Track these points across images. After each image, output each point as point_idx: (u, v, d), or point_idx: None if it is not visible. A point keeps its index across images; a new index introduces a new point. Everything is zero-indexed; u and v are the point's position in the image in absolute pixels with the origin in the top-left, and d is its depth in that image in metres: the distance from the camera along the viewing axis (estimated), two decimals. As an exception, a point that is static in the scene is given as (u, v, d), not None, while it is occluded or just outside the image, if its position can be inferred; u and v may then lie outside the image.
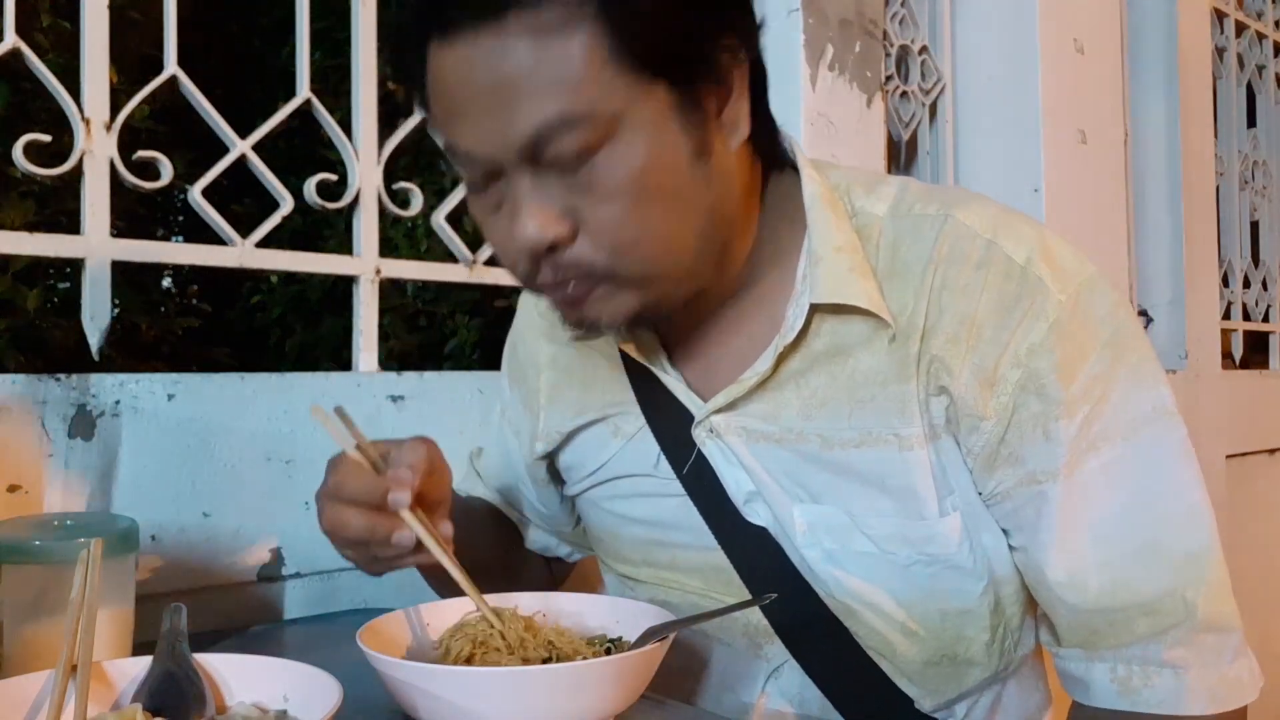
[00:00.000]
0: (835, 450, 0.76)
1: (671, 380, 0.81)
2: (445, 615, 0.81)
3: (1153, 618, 0.72)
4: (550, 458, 0.93)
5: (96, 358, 1.06)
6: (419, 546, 0.71)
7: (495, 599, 0.82)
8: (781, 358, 0.77)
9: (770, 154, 0.79)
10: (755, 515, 0.80)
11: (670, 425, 0.82)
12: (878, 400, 0.74)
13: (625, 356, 0.85)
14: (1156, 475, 0.72)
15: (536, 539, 1.03)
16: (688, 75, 0.68)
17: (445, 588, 0.85)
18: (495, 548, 1.01)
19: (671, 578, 0.86)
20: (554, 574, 1.08)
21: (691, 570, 0.85)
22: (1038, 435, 0.72)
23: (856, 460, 0.75)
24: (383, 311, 1.37)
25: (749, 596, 0.81)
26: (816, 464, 0.77)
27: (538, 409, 0.92)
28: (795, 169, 0.80)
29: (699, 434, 0.80)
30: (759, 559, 0.80)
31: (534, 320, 0.95)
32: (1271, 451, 2.49)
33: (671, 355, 0.83)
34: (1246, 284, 2.54)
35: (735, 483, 0.80)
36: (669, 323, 0.81)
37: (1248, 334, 2.51)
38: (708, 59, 0.69)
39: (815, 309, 0.75)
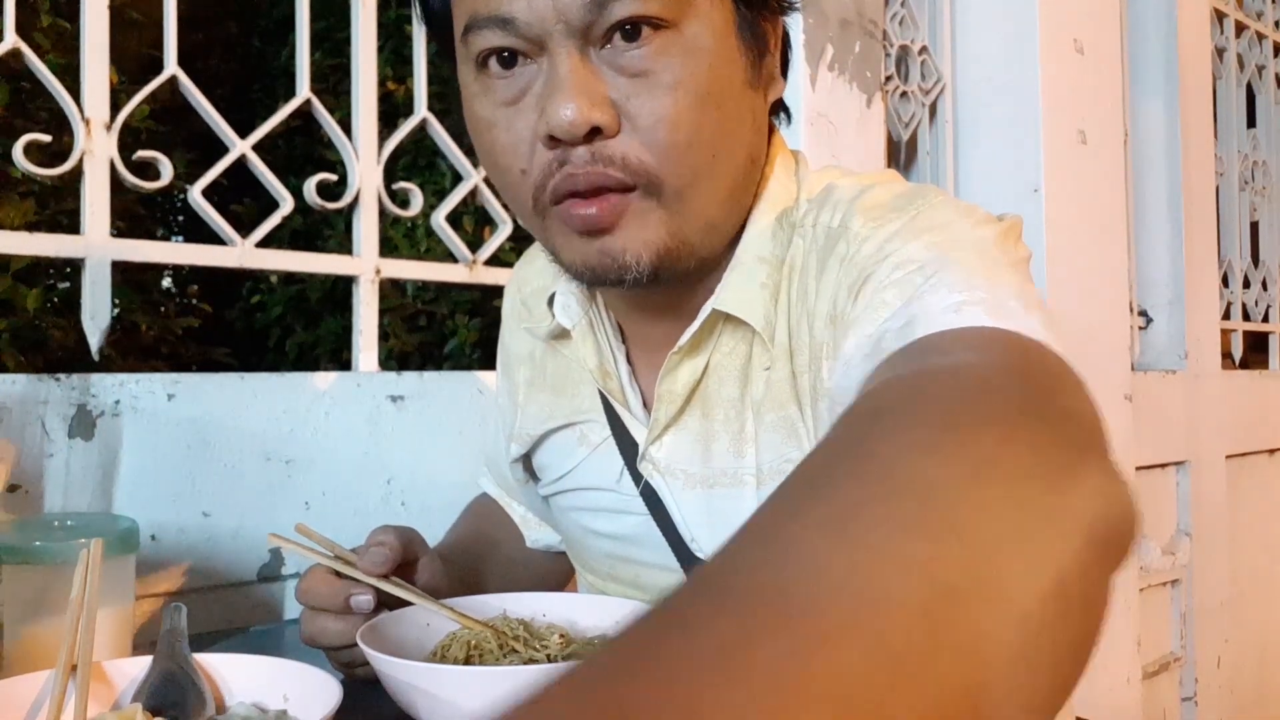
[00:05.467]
0: (766, 486, 0.71)
1: (621, 408, 0.78)
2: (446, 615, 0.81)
3: None
4: (524, 459, 0.90)
5: (96, 358, 1.06)
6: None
7: (499, 600, 0.82)
8: (684, 367, 0.72)
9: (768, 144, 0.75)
10: (699, 552, 0.76)
11: (630, 444, 0.78)
12: (780, 429, 0.70)
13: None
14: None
15: (539, 537, 1.01)
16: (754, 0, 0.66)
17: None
18: (499, 560, 0.99)
19: (636, 595, 0.83)
20: (569, 562, 1.04)
21: (655, 590, 0.81)
22: (838, 362, 0.60)
23: None
24: (383, 311, 1.37)
25: None
26: (751, 504, 0.72)
27: (515, 407, 0.90)
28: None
29: (645, 468, 0.77)
30: None
31: (517, 309, 0.92)
32: (1271, 451, 2.49)
33: (635, 371, 0.79)
34: (1246, 284, 2.54)
35: (680, 519, 0.76)
36: (634, 328, 0.78)
37: (1248, 334, 2.51)
38: None
39: (718, 317, 0.71)
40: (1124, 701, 1.86)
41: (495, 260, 1.39)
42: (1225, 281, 2.45)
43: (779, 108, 0.74)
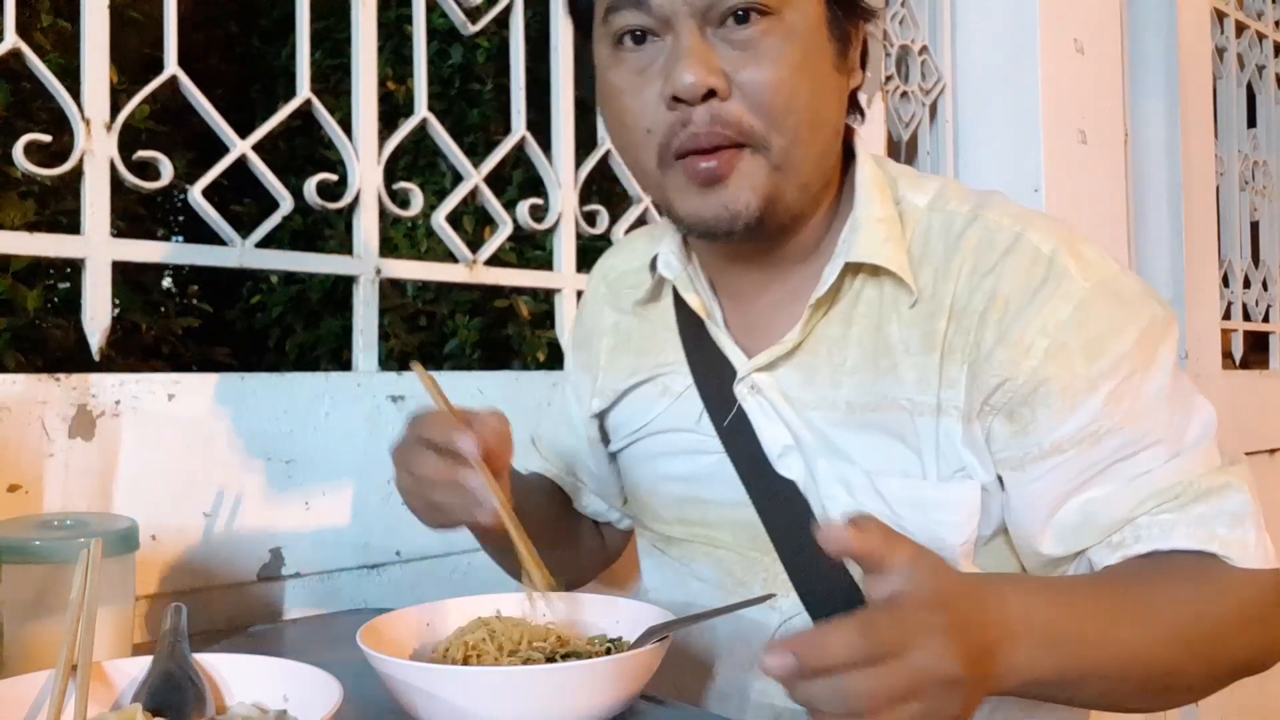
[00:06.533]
0: (857, 414, 0.82)
1: (720, 334, 0.88)
2: (446, 615, 0.81)
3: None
4: (602, 417, 1.00)
5: (96, 358, 1.06)
6: (476, 508, 0.74)
7: (497, 600, 0.82)
8: (817, 314, 0.83)
9: (848, 136, 0.87)
10: (787, 469, 0.84)
11: (714, 382, 0.88)
12: (899, 369, 0.80)
13: (679, 322, 0.92)
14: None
15: (589, 503, 1.07)
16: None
17: (501, 555, 0.93)
18: (547, 513, 1.05)
19: (703, 533, 0.91)
20: (606, 541, 1.10)
21: (722, 525, 0.89)
22: (1064, 408, 0.75)
23: (874, 421, 0.81)
24: (383, 311, 1.37)
25: (774, 551, 0.85)
26: (841, 427, 0.82)
27: (597, 370, 1.00)
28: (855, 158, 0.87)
29: (740, 390, 0.86)
30: (785, 513, 0.85)
31: (600, 291, 1.03)
32: (1272, 451, 2.49)
33: (726, 316, 0.89)
34: (1246, 284, 2.54)
35: (771, 437, 0.85)
36: (726, 282, 0.89)
37: (1248, 334, 2.51)
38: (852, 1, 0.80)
39: (849, 269, 0.81)
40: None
41: (495, 260, 1.39)
42: (1225, 281, 2.44)
43: (855, 104, 0.86)
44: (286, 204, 1.22)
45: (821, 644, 0.54)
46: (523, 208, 1.41)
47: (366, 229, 1.25)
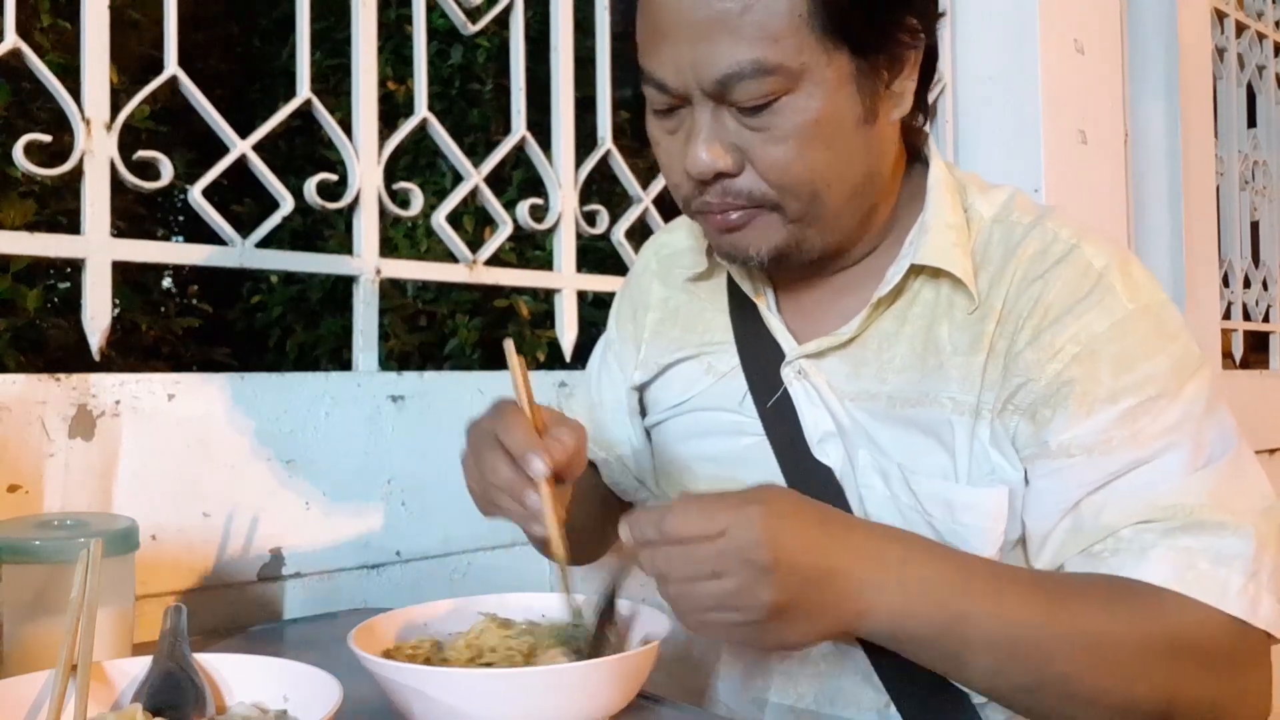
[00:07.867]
0: (897, 408, 0.83)
1: (772, 318, 0.89)
2: (443, 616, 0.81)
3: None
4: (642, 390, 1.00)
5: (96, 358, 1.06)
6: (532, 524, 0.75)
7: (496, 599, 0.82)
8: (876, 312, 0.84)
9: (915, 139, 0.88)
10: (824, 456, 0.85)
11: (762, 364, 0.89)
12: (945, 368, 0.81)
13: (730, 301, 0.93)
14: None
15: (620, 480, 1.05)
16: (869, 47, 0.76)
17: (544, 546, 0.90)
18: (590, 492, 1.03)
19: None
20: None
21: None
22: (1079, 413, 0.76)
23: (913, 416, 0.82)
24: (383, 311, 1.37)
25: None
26: (881, 420, 0.83)
27: (641, 342, 1.00)
28: (925, 163, 0.87)
29: (787, 373, 0.87)
30: (819, 499, 0.83)
31: (650, 265, 1.04)
32: (1272, 451, 2.49)
33: (779, 301, 0.91)
34: (1246, 284, 2.54)
35: (813, 422, 0.85)
36: (785, 271, 0.88)
37: (1248, 334, 2.51)
38: (890, 36, 0.77)
39: (914, 270, 0.82)
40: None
41: (495, 260, 1.39)
42: (1225, 281, 2.44)
43: (921, 105, 0.85)
44: (287, 204, 1.22)
45: (643, 520, 0.67)
46: (523, 208, 1.41)
47: (366, 229, 1.25)
